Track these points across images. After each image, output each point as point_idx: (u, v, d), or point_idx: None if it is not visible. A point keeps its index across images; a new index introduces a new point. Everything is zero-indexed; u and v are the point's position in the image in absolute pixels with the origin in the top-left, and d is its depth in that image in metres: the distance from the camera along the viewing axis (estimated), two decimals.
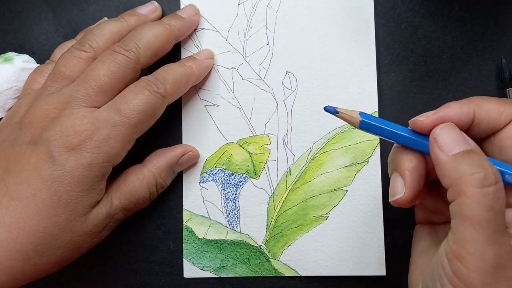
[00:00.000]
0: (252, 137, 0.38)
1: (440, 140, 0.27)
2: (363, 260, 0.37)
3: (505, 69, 0.37)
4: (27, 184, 0.30)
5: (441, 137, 0.27)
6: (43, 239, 0.30)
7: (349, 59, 0.38)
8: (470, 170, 0.25)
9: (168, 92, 0.34)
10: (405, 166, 0.28)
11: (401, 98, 0.38)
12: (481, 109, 0.28)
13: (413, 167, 0.28)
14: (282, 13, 0.38)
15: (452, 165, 0.26)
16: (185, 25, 0.37)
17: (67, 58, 0.34)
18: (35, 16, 0.40)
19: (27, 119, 0.32)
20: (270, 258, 0.37)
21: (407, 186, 0.28)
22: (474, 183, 0.25)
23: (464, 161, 0.26)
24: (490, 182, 0.25)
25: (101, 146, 0.31)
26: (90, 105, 0.32)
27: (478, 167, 0.25)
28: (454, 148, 0.26)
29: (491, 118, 0.28)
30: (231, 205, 0.38)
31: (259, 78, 0.38)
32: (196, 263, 0.38)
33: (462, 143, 0.26)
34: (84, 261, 0.37)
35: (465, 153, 0.26)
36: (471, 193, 0.25)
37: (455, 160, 0.26)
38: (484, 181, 0.25)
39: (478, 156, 0.26)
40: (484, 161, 0.26)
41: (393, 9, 0.38)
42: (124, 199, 0.34)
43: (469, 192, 0.25)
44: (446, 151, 0.26)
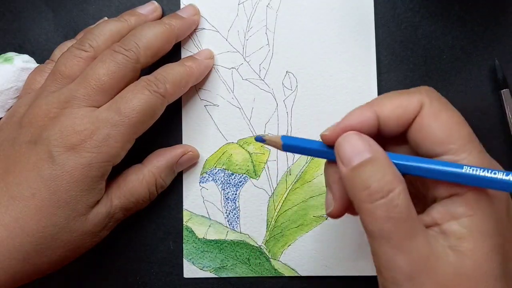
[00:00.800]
0: (252, 137, 0.38)
1: (341, 153, 0.26)
2: (363, 260, 0.37)
3: (499, 70, 0.37)
4: (26, 184, 0.30)
5: (341, 149, 0.26)
6: (42, 238, 0.30)
7: (349, 59, 0.38)
8: (361, 185, 0.25)
9: (168, 92, 0.34)
10: (331, 179, 0.28)
11: None
12: (384, 109, 0.27)
13: (338, 178, 0.27)
14: (282, 13, 0.38)
15: (349, 181, 0.26)
16: (185, 25, 0.37)
17: (67, 57, 0.34)
18: (35, 16, 0.40)
19: (27, 119, 0.32)
20: (270, 258, 0.37)
21: (335, 198, 0.28)
22: (365, 199, 0.25)
23: (359, 175, 0.25)
24: (381, 194, 0.25)
25: (101, 145, 0.31)
26: (90, 104, 0.32)
27: (368, 181, 0.25)
28: (353, 160, 0.26)
29: (397, 115, 0.27)
30: (231, 205, 0.38)
31: (259, 78, 0.38)
32: (196, 263, 0.37)
33: (362, 153, 0.26)
34: (84, 261, 0.37)
35: (361, 164, 0.25)
36: (365, 209, 0.25)
37: (352, 174, 0.26)
38: (373, 196, 0.25)
39: (373, 165, 0.25)
40: (377, 170, 0.25)
41: (393, 9, 0.38)
42: (124, 199, 0.34)
43: (363, 208, 0.25)
44: (346, 164, 0.26)
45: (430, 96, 0.27)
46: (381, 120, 0.27)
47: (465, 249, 0.24)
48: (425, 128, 0.26)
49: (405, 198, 0.25)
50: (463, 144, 0.26)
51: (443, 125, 0.26)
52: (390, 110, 0.27)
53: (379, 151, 0.26)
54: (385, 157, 0.26)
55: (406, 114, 0.27)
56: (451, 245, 0.25)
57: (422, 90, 0.28)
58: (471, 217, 0.25)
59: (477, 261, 0.24)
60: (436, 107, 0.26)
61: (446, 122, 0.26)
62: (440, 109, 0.26)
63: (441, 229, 0.25)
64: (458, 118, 0.26)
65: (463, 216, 0.25)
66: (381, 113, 0.27)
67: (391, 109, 0.27)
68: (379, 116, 0.27)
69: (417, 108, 0.27)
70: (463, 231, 0.25)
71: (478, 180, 0.24)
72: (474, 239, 0.25)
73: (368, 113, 0.27)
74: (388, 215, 0.24)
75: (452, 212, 0.25)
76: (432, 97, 0.27)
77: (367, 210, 0.25)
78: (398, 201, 0.24)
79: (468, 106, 0.37)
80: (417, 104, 0.27)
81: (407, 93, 0.27)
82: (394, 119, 0.27)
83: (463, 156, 0.25)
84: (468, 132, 0.26)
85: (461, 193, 0.25)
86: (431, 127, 0.26)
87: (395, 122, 0.27)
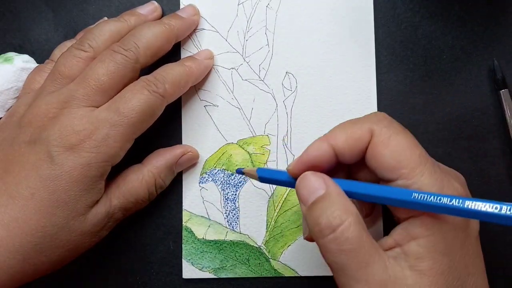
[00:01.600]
0: (251, 138, 0.38)
1: (300, 194, 0.28)
2: None
3: (498, 70, 0.37)
4: (26, 183, 0.30)
5: (299, 190, 0.28)
6: (42, 238, 0.30)
7: (349, 60, 0.38)
8: (314, 222, 0.27)
9: (167, 92, 0.34)
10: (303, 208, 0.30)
11: (401, 98, 0.38)
12: (338, 141, 0.28)
13: None
14: (281, 13, 0.38)
15: (307, 218, 0.27)
16: (184, 25, 0.37)
17: (66, 57, 0.34)
18: (35, 16, 0.40)
19: (26, 119, 0.32)
20: (269, 259, 0.37)
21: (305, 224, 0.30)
22: (317, 235, 0.27)
23: (312, 213, 0.27)
24: (330, 230, 0.26)
25: (100, 145, 0.31)
26: (89, 104, 0.32)
27: (319, 218, 0.26)
28: (309, 199, 0.27)
29: (350, 146, 0.28)
30: (230, 206, 0.38)
31: (259, 79, 0.38)
32: (195, 263, 0.37)
33: (316, 190, 0.27)
34: (84, 261, 0.37)
35: (315, 202, 0.27)
36: (319, 244, 0.27)
37: (309, 212, 0.27)
38: (323, 232, 0.26)
39: (325, 201, 0.27)
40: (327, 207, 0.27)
41: (393, 9, 0.38)
42: (123, 199, 0.34)
43: (318, 243, 0.27)
44: (304, 203, 0.28)
45: (379, 123, 0.28)
46: (337, 151, 0.28)
47: (423, 268, 0.26)
48: (377, 156, 0.27)
49: (355, 230, 0.26)
50: (414, 168, 0.27)
51: (393, 151, 0.27)
52: (343, 141, 0.28)
53: (331, 186, 0.27)
54: (337, 192, 0.27)
55: (359, 144, 0.28)
56: (411, 265, 0.26)
57: (372, 117, 0.29)
58: (427, 237, 0.26)
59: (435, 279, 0.26)
60: (385, 134, 0.28)
61: (395, 148, 0.27)
62: (389, 136, 0.28)
63: (403, 250, 0.27)
64: (408, 141, 0.27)
65: (421, 236, 0.26)
66: (335, 145, 0.28)
67: (344, 140, 0.28)
68: (334, 148, 0.28)
69: (367, 137, 0.28)
70: (421, 250, 0.26)
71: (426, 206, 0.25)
72: (431, 258, 0.26)
73: (324, 146, 0.28)
74: (339, 248, 0.26)
75: (411, 233, 0.26)
76: (382, 124, 0.28)
77: (321, 245, 0.27)
78: (348, 234, 0.26)
79: (467, 106, 0.37)
80: (367, 134, 0.28)
81: (359, 122, 0.29)
82: (348, 150, 0.28)
83: (415, 180, 0.26)
84: (419, 154, 0.27)
85: (417, 215, 0.27)
86: (382, 155, 0.27)
87: (349, 152, 0.28)
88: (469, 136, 0.37)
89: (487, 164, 0.37)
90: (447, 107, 0.37)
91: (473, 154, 0.37)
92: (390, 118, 0.29)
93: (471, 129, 0.37)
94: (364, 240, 0.26)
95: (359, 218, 0.27)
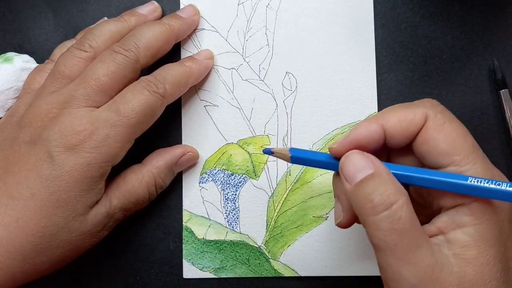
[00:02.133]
0: (252, 138, 0.38)
1: (345, 171, 0.27)
2: (363, 261, 0.37)
3: (498, 70, 0.37)
4: (26, 184, 0.30)
5: (345, 167, 0.27)
6: (42, 238, 0.30)
7: (349, 60, 0.38)
8: (364, 199, 0.26)
9: (167, 92, 0.34)
10: (339, 191, 0.29)
11: (401, 98, 0.38)
12: (390, 122, 0.28)
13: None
14: (281, 13, 0.38)
15: (354, 196, 0.27)
16: (184, 25, 0.37)
17: (66, 57, 0.34)
18: (35, 16, 0.40)
19: (26, 119, 0.32)
20: (269, 259, 0.37)
21: (344, 209, 0.29)
22: (369, 213, 0.26)
23: (362, 190, 0.26)
24: (384, 207, 0.25)
25: (100, 146, 0.31)
26: (90, 105, 0.32)
27: (371, 194, 0.26)
28: (356, 177, 0.27)
29: (403, 128, 0.28)
30: (230, 206, 0.38)
31: (259, 79, 0.38)
32: (196, 263, 0.37)
33: (364, 169, 0.27)
34: (84, 261, 0.37)
35: (364, 180, 0.26)
36: (369, 222, 0.26)
37: (356, 190, 0.27)
38: (376, 209, 0.25)
39: (375, 180, 0.26)
40: (379, 184, 0.26)
41: (393, 9, 0.38)
42: (124, 199, 0.34)
43: (368, 222, 0.26)
44: (350, 181, 0.27)
45: (434, 109, 0.28)
46: (387, 133, 0.28)
47: (469, 257, 0.25)
48: (430, 141, 0.27)
49: (408, 210, 0.25)
50: (467, 155, 0.26)
51: (447, 137, 0.27)
52: (395, 123, 0.28)
53: (380, 167, 0.27)
54: (386, 172, 0.27)
55: (411, 126, 0.28)
56: (456, 253, 0.26)
57: (426, 103, 0.29)
58: (475, 226, 0.26)
59: (480, 268, 0.25)
60: (440, 119, 0.27)
61: (450, 134, 0.27)
62: (444, 121, 0.27)
63: (446, 238, 0.26)
64: (461, 129, 0.27)
65: (468, 225, 0.26)
66: (386, 126, 0.28)
67: (396, 122, 0.28)
68: (385, 129, 0.28)
69: (421, 121, 0.28)
70: (468, 239, 0.26)
71: (482, 191, 0.25)
72: (477, 247, 0.25)
73: (374, 127, 0.28)
74: (392, 227, 0.25)
75: (457, 222, 0.26)
76: (436, 110, 0.28)
77: (372, 223, 0.26)
78: (401, 213, 0.25)
79: (468, 106, 0.37)
80: (422, 117, 0.28)
81: (412, 106, 0.28)
82: (400, 132, 0.28)
83: (467, 167, 0.26)
84: (472, 143, 0.27)
85: (466, 203, 0.26)
86: (436, 140, 0.27)
87: (400, 134, 0.28)
88: None
89: None
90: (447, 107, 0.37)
91: None
92: (442, 106, 0.29)
93: (471, 129, 0.37)
94: (415, 222, 0.26)
95: (409, 199, 0.26)
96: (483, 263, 0.25)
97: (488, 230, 0.26)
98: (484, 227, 0.26)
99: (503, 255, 0.26)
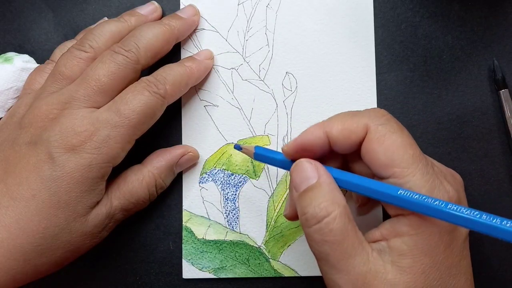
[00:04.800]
0: (252, 138, 0.38)
1: (293, 180, 0.29)
2: None
3: (498, 70, 0.37)
4: (27, 185, 0.30)
5: (293, 176, 0.29)
6: (43, 239, 0.30)
7: (349, 60, 0.38)
8: (301, 211, 0.28)
9: (168, 93, 0.34)
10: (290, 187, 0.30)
11: (401, 98, 0.38)
12: (333, 130, 0.29)
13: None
14: (281, 13, 0.38)
15: (297, 205, 0.28)
16: (185, 26, 0.37)
17: (67, 58, 0.34)
18: (35, 16, 0.40)
19: (27, 119, 0.32)
20: (269, 259, 0.37)
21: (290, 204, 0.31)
22: (304, 224, 0.28)
23: (302, 201, 0.28)
24: (316, 220, 0.27)
25: (101, 147, 0.31)
26: (90, 105, 0.32)
27: (306, 207, 0.27)
28: (301, 186, 0.28)
29: (345, 137, 0.29)
30: (230, 206, 0.38)
31: (259, 79, 0.38)
32: (195, 263, 0.38)
33: (308, 179, 0.28)
34: (84, 261, 0.37)
35: (306, 190, 0.28)
36: (305, 233, 0.28)
37: (298, 199, 0.28)
38: (308, 222, 0.27)
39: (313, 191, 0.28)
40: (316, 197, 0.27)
41: (393, 9, 0.38)
42: (124, 200, 0.34)
43: (304, 232, 0.28)
44: (297, 190, 0.29)
45: (377, 120, 0.28)
46: (331, 140, 0.29)
47: (404, 265, 0.26)
48: (371, 152, 0.28)
49: (341, 222, 0.26)
50: (406, 167, 0.27)
51: (387, 150, 0.27)
52: (338, 131, 0.29)
53: (323, 176, 0.28)
54: (328, 182, 0.28)
55: (353, 136, 0.28)
56: (394, 260, 0.26)
57: (371, 112, 0.29)
58: (412, 236, 0.27)
59: (414, 277, 0.26)
60: (381, 131, 0.28)
61: (389, 147, 0.27)
62: (384, 133, 0.28)
63: (388, 244, 0.27)
64: (402, 141, 0.28)
65: (406, 235, 0.27)
66: (330, 134, 0.29)
67: (339, 130, 0.29)
68: (329, 137, 0.29)
69: (363, 131, 0.28)
70: (404, 248, 0.26)
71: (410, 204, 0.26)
72: (413, 256, 0.26)
73: (319, 133, 0.29)
74: (323, 239, 0.26)
75: (397, 230, 0.27)
76: (379, 121, 0.28)
77: (307, 234, 0.27)
78: (333, 226, 0.26)
79: (467, 106, 0.37)
80: (363, 128, 0.28)
81: (356, 115, 0.29)
82: (342, 140, 0.29)
83: (406, 180, 0.27)
84: (412, 154, 0.27)
85: (405, 213, 0.27)
86: (376, 152, 0.28)
87: (343, 143, 0.29)
88: (469, 136, 0.37)
89: (487, 164, 0.37)
90: (447, 107, 0.38)
91: (473, 154, 0.37)
92: (389, 115, 0.29)
93: (471, 129, 0.37)
94: (348, 233, 0.27)
95: (346, 210, 0.27)
96: (417, 272, 0.26)
97: (424, 241, 0.26)
98: (420, 238, 0.26)
99: (441, 264, 0.27)
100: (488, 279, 0.37)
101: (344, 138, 0.29)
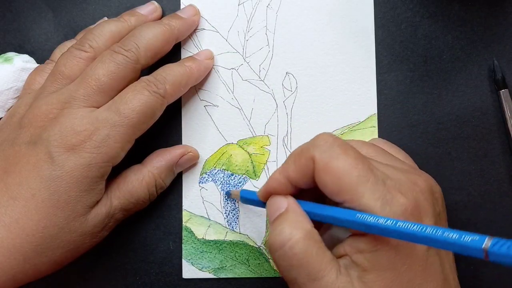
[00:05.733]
0: (252, 138, 0.38)
1: (267, 212, 0.30)
2: None
3: (498, 70, 0.37)
4: (26, 184, 0.30)
5: (267, 210, 0.30)
6: (42, 239, 0.30)
7: (349, 60, 0.38)
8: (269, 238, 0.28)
9: (167, 93, 0.34)
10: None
11: (401, 98, 0.38)
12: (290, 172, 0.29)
13: None
14: (282, 13, 0.38)
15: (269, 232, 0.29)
16: (185, 26, 0.37)
17: (67, 58, 0.34)
18: (35, 16, 0.40)
19: (26, 119, 0.32)
20: (269, 259, 0.37)
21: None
22: (270, 250, 0.28)
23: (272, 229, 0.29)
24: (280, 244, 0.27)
25: (101, 146, 0.31)
26: (90, 105, 0.32)
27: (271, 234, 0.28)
28: (273, 216, 0.29)
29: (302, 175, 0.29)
30: (230, 206, 0.38)
31: (259, 79, 0.38)
32: (195, 263, 0.38)
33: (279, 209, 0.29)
34: (84, 261, 0.37)
35: (276, 219, 0.29)
36: (273, 260, 0.28)
37: (270, 229, 0.29)
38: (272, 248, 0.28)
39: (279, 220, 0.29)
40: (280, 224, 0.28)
41: (393, 9, 0.38)
42: (124, 200, 0.34)
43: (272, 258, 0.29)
44: (270, 220, 0.30)
45: (319, 148, 0.28)
46: (292, 182, 0.29)
47: (368, 280, 0.26)
48: (320, 183, 0.28)
49: (304, 246, 0.27)
50: (353, 191, 0.27)
51: (333, 178, 0.27)
52: (294, 172, 0.29)
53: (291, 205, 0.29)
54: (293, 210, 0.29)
55: (306, 172, 0.29)
56: (359, 276, 0.27)
57: (315, 142, 0.29)
58: (372, 252, 0.27)
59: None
60: (325, 159, 0.28)
61: (334, 174, 0.27)
62: (327, 162, 0.28)
63: (352, 260, 0.27)
64: (345, 165, 0.27)
65: (366, 251, 0.27)
66: (288, 176, 0.29)
67: (295, 171, 0.29)
68: (288, 179, 0.29)
69: (311, 165, 0.28)
70: (366, 263, 0.27)
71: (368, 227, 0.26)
72: (376, 271, 0.26)
73: (280, 179, 0.30)
74: (288, 264, 0.27)
75: (358, 247, 0.27)
76: (321, 149, 0.28)
77: (274, 260, 0.28)
78: (296, 250, 0.27)
79: (467, 106, 0.37)
80: (311, 161, 0.28)
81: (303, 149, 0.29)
82: (300, 179, 0.29)
83: (357, 203, 0.27)
84: (357, 176, 0.27)
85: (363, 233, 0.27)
86: (324, 182, 0.28)
87: (301, 180, 0.29)
88: (469, 136, 0.37)
89: (487, 164, 0.37)
90: (447, 107, 0.38)
91: (473, 154, 0.37)
92: (331, 139, 0.28)
93: (471, 129, 0.37)
94: (313, 256, 0.27)
95: (310, 233, 0.27)
96: (381, 286, 0.26)
97: (383, 257, 0.26)
98: (379, 254, 0.26)
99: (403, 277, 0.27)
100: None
101: (301, 177, 0.29)
